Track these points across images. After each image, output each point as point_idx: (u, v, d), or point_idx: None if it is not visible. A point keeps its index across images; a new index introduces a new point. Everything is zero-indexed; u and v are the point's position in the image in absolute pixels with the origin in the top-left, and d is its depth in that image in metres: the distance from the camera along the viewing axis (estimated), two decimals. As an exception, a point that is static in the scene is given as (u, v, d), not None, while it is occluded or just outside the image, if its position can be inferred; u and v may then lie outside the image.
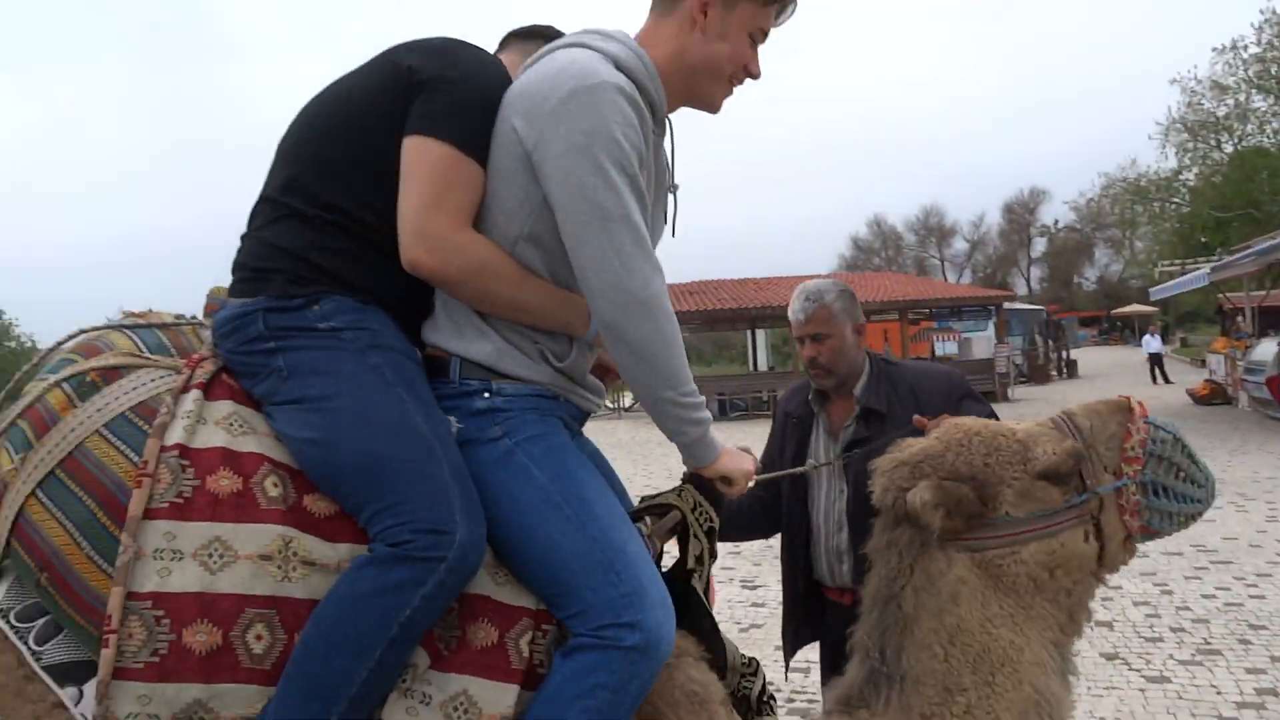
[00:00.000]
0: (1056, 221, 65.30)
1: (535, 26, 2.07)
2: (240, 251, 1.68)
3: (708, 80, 1.71)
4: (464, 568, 1.45)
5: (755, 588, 6.36)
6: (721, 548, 1.97)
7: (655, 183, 1.70)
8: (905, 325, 27.87)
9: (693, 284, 28.86)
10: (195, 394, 1.54)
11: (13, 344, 51.51)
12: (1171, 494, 1.79)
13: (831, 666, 2.43)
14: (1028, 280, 70.10)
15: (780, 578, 2.84)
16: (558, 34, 1.95)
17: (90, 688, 1.38)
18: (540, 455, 1.57)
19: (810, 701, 4.18)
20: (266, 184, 1.69)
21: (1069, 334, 39.07)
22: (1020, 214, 69.69)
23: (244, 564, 1.42)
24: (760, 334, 32.97)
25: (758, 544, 6.59)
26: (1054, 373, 30.02)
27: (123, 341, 1.66)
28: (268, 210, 1.66)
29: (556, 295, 1.64)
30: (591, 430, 1.90)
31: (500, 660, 1.48)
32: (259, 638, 1.42)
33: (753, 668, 1.88)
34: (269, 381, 1.57)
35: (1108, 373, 29.84)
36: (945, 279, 69.39)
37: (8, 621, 1.42)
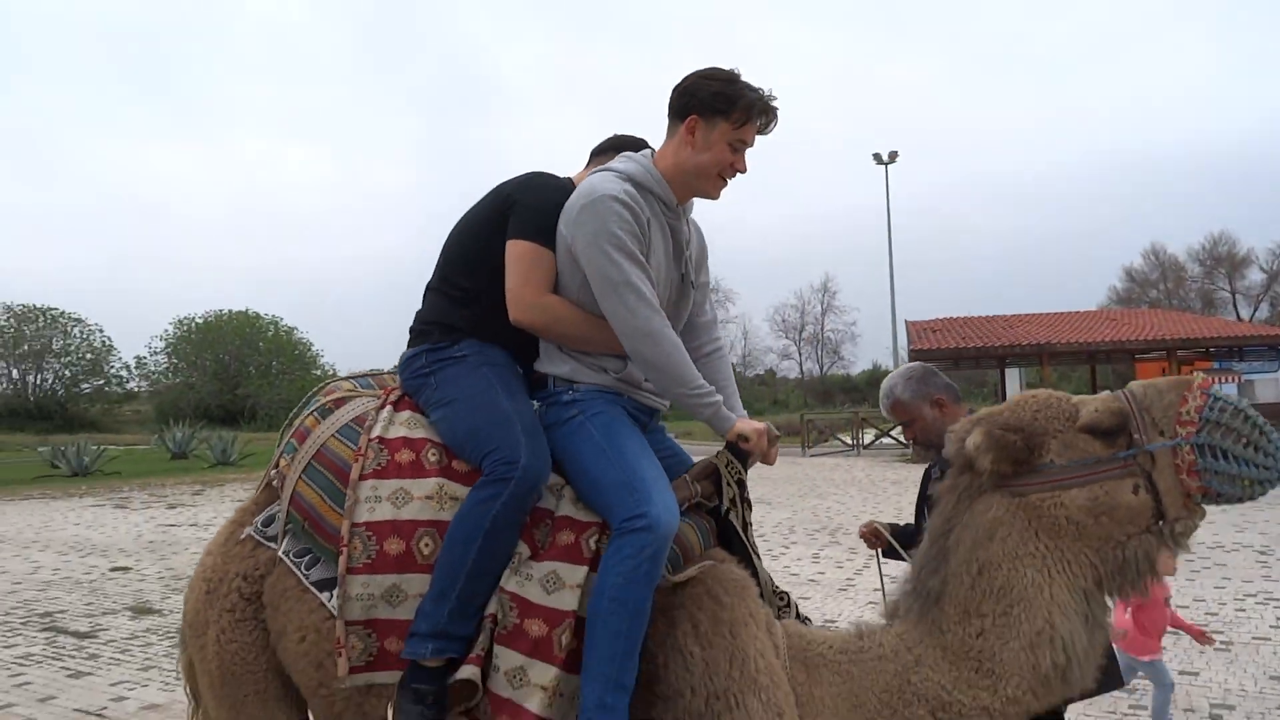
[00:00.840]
0: (1376, 249, 57.01)
1: (612, 140, 2.72)
2: (415, 318, 2.57)
3: (699, 180, 2.36)
4: (526, 483, 2.17)
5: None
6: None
7: (674, 249, 2.39)
8: (1174, 366, 25.79)
9: (934, 321, 28.22)
10: (388, 409, 2.44)
11: (318, 371, 58.84)
12: (1232, 457, 1.89)
13: None
14: (1340, 315, 61.84)
15: None
16: (629, 141, 2.66)
17: (336, 592, 2.21)
18: (599, 424, 2.30)
19: None
20: (432, 276, 2.56)
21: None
22: (1330, 240, 61.70)
23: (417, 502, 2.24)
24: (1012, 372, 31.59)
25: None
26: (1362, 421, 26.55)
27: (347, 385, 2.62)
28: (430, 294, 2.55)
29: (608, 330, 2.32)
30: (829, 467, 2.48)
31: (576, 552, 2.17)
32: (426, 545, 2.21)
33: (785, 600, 2.39)
34: (426, 393, 2.42)
35: None
36: (1237, 314, 62.68)
37: (290, 558, 2.30)
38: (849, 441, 28.50)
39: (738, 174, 2.37)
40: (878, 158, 37.11)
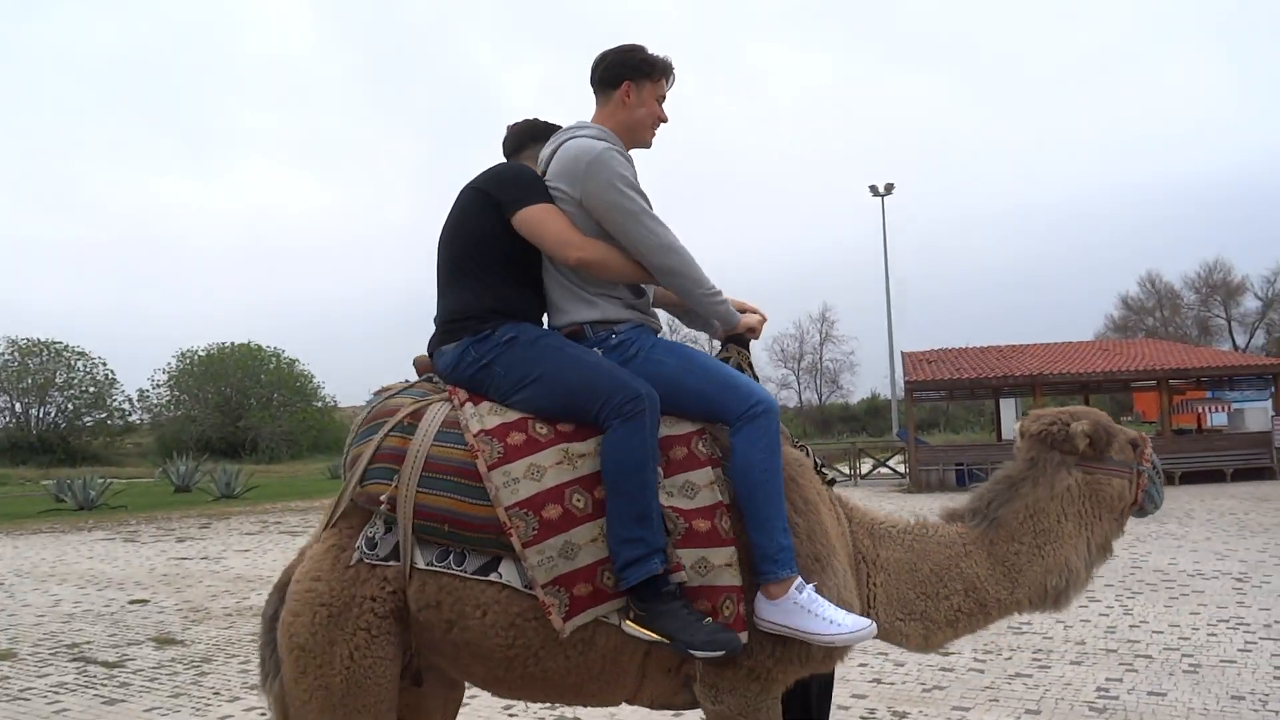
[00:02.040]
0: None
1: (526, 129, 3.10)
2: (439, 319, 2.80)
3: (640, 131, 2.85)
4: (656, 409, 2.52)
5: (948, 654, 6.76)
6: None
7: None
8: (1165, 396, 26.17)
9: (930, 352, 28.54)
10: (469, 405, 2.63)
11: (319, 403, 59.06)
12: (1155, 486, 2.98)
13: None
14: (1336, 343, 62.17)
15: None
16: (541, 126, 3.06)
17: (503, 567, 2.46)
18: (661, 352, 2.70)
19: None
20: (440, 280, 2.82)
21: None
22: (1324, 268, 62.09)
23: (551, 470, 2.49)
24: (1008, 402, 31.92)
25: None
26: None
27: (407, 400, 2.71)
28: (446, 294, 2.81)
29: (637, 265, 2.73)
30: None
31: (694, 460, 2.57)
32: (579, 500, 2.48)
33: (805, 450, 2.89)
34: (495, 382, 2.65)
35: None
36: (1233, 341, 63.11)
37: (435, 565, 2.50)
38: (846, 472, 28.78)
39: (662, 123, 2.90)
40: (874, 190, 37.70)
